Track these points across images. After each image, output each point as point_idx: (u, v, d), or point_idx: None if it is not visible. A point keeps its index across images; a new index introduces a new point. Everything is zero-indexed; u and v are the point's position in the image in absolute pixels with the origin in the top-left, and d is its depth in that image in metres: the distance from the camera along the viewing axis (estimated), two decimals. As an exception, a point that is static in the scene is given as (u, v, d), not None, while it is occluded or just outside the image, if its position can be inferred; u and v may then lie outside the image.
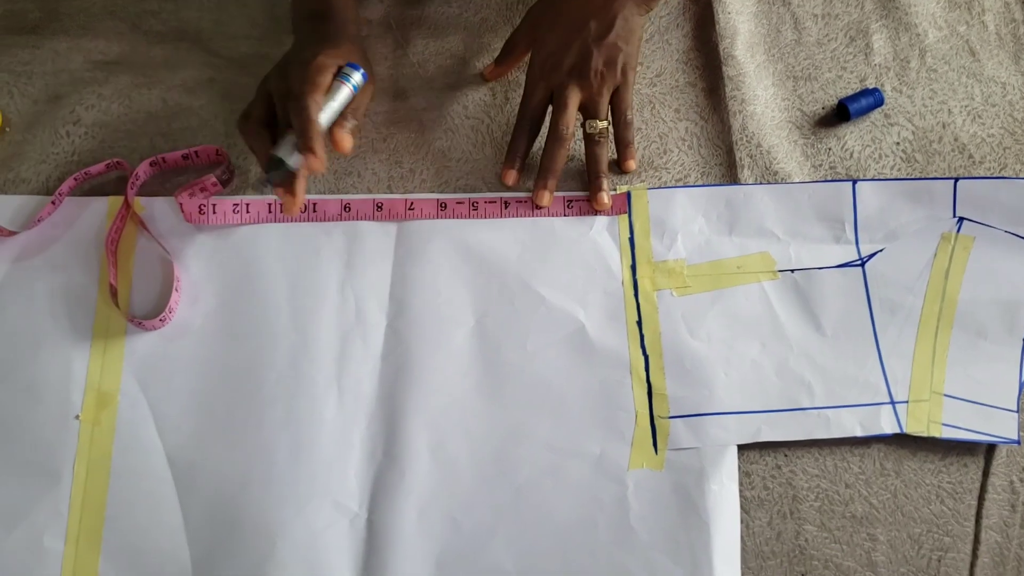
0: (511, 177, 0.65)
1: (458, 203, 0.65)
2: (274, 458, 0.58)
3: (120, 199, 0.63)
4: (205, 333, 0.61)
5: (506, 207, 0.65)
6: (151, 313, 0.61)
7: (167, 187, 0.65)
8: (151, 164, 0.64)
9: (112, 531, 0.57)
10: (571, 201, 0.65)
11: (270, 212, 0.63)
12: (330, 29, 0.62)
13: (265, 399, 0.59)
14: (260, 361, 0.60)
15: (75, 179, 0.63)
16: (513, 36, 0.68)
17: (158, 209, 0.64)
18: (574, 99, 0.63)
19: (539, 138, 0.66)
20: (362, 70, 0.58)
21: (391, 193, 0.65)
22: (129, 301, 0.61)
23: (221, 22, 0.71)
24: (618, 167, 0.67)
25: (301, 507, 0.57)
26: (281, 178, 0.56)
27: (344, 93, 0.58)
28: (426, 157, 0.67)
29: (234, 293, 0.62)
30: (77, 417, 0.58)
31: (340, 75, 0.57)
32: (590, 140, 0.64)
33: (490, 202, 0.65)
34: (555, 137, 0.63)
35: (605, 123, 0.64)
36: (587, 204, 0.65)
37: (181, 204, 0.62)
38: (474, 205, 0.65)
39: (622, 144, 0.66)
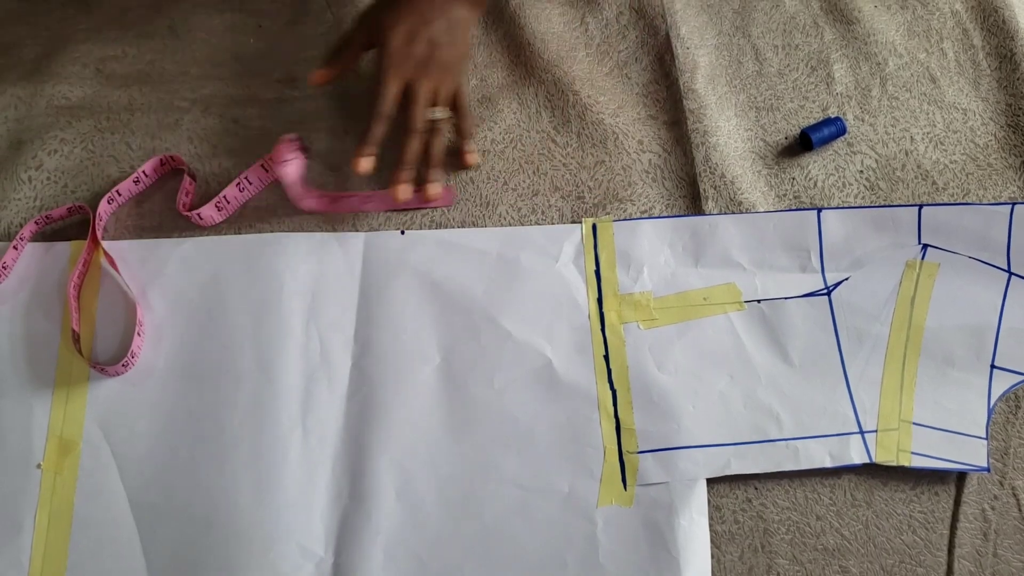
0: (363, 164, 0.63)
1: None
2: (238, 501, 0.57)
3: (82, 243, 0.63)
4: (168, 376, 0.60)
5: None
6: (114, 358, 0.61)
7: (128, 226, 0.65)
8: (108, 201, 0.64)
9: (74, 581, 0.56)
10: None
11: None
12: None
13: (229, 441, 0.59)
14: (224, 402, 0.60)
15: (36, 223, 0.63)
16: (349, 37, 0.68)
17: (120, 252, 0.63)
18: (425, 91, 0.65)
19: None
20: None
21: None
22: (92, 346, 0.61)
23: (183, 63, 0.72)
24: (460, 161, 0.68)
25: (266, 551, 0.56)
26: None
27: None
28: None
29: (197, 334, 0.62)
30: (39, 466, 0.58)
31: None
32: (429, 129, 0.66)
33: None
34: (411, 129, 0.65)
35: (447, 113, 0.66)
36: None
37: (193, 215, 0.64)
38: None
39: (464, 136, 0.68)
